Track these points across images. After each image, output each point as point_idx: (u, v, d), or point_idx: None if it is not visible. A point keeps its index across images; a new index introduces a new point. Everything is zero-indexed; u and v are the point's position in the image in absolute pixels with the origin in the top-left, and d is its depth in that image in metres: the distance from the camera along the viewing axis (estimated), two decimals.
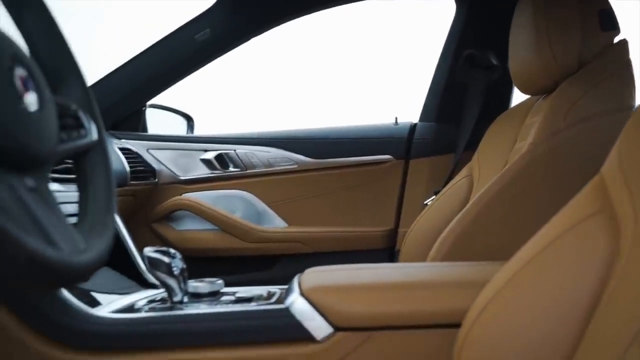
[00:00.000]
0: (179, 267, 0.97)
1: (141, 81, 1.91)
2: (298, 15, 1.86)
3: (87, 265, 0.61)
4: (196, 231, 1.94)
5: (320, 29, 2.12)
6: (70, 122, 0.72)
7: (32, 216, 0.56)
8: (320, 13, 1.91)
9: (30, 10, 0.70)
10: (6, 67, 0.57)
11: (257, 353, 0.86)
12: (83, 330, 0.87)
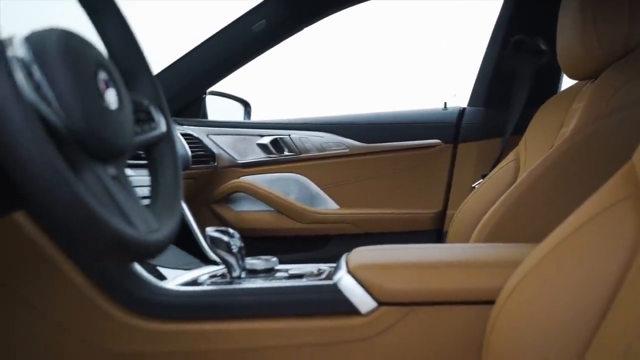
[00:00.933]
0: (237, 245, 1.06)
1: (202, 70, 1.98)
2: (350, 4, 1.90)
3: (160, 243, 0.70)
4: (253, 212, 2.01)
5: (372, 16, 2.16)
6: (143, 116, 0.81)
7: (115, 200, 0.65)
8: (371, 2, 1.94)
9: (109, 17, 0.78)
10: (92, 72, 0.66)
11: (307, 325, 0.93)
12: (153, 300, 0.97)
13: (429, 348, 0.91)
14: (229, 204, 2.04)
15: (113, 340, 0.95)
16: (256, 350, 0.93)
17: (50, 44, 0.62)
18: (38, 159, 0.52)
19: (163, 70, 1.98)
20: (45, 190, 0.53)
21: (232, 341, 0.93)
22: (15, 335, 0.96)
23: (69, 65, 0.62)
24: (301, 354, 0.92)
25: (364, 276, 0.94)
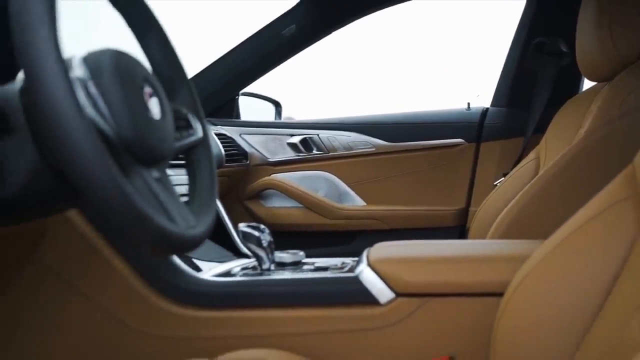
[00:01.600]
0: (267, 240, 1.13)
1: (235, 73, 2.06)
2: (376, 9, 1.96)
3: (197, 238, 0.78)
4: (283, 208, 2.09)
5: (399, 17, 2.21)
6: (182, 123, 0.89)
7: (158, 200, 0.73)
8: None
9: (153, 35, 0.86)
10: (139, 87, 0.74)
11: (330, 313, 1.01)
12: (190, 290, 1.05)
13: (442, 336, 0.97)
14: (261, 200, 2.12)
15: (153, 325, 1.04)
16: (282, 336, 1.00)
17: (104, 63, 0.70)
18: (95, 165, 0.61)
19: (198, 73, 2.05)
20: (100, 192, 0.62)
21: (261, 327, 1.01)
22: (69, 320, 1.05)
23: (120, 82, 0.70)
24: (324, 340, 1.00)
25: (383, 269, 1.00)
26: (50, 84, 0.59)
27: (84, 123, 0.60)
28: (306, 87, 2.93)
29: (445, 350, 0.96)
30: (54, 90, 0.59)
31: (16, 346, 1.06)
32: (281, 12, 1.95)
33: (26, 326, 1.06)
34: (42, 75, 0.59)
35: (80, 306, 1.04)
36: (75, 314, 1.05)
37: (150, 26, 0.86)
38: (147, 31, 0.85)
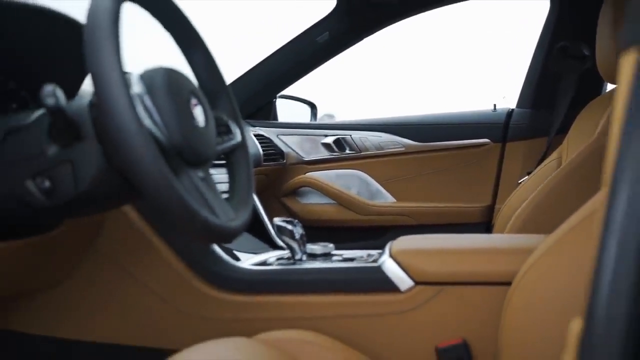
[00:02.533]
0: (299, 233, 1.23)
1: (272, 77, 2.15)
2: (405, 17, 2.03)
3: (236, 229, 0.89)
4: (317, 204, 2.17)
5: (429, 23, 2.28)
6: (223, 129, 1.00)
7: (203, 196, 0.84)
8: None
9: (197, 52, 0.97)
10: (186, 99, 0.85)
11: (355, 299, 1.10)
12: (229, 277, 1.16)
13: (456, 321, 1.06)
14: (296, 197, 2.21)
15: (197, 307, 1.15)
16: (311, 320, 1.10)
17: (157, 80, 0.81)
18: (151, 167, 0.72)
19: (239, 77, 2.15)
20: (155, 189, 0.73)
21: (292, 311, 1.11)
22: (123, 302, 1.18)
23: (171, 96, 0.81)
24: (349, 324, 1.09)
25: (404, 260, 1.09)
26: (115, 101, 0.70)
27: (142, 132, 0.71)
28: (345, 87, 3.02)
29: (459, 333, 1.05)
30: (118, 105, 0.70)
31: (77, 323, 1.19)
32: (315, 21, 2.04)
33: (86, 306, 1.19)
34: (109, 94, 0.70)
35: (133, 290, 1.17)
36: (129, 296, 1.17)
37: (196, 44, 0.97)
38: (193, 49, 0.96)
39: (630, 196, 0.37)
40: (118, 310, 1.17)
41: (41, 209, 0.84)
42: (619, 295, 0.37)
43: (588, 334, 0.38)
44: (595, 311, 0.38)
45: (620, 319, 0.37)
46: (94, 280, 1.17)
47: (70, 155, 0.81)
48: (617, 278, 0.37)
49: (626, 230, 0.37)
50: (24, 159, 0.82)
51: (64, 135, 0.80)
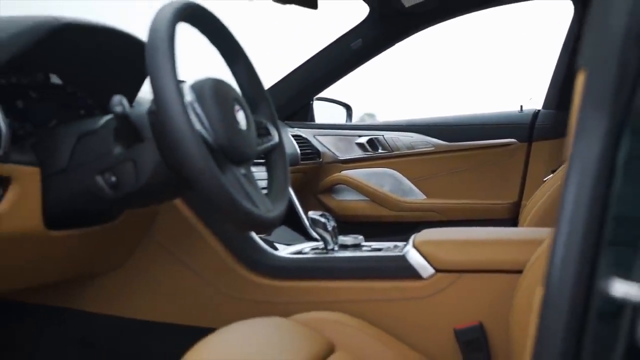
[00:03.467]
0: (332, 225, 1.34)
1: (309, 81, 2.26)
2: (433, 24, 2.12)
3: (274, 219, 1.00)
4: (351, 201, 2.26)
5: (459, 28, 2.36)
6: (263, 131, 1.11)
7: (245, 190, 0.95)
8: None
9: (240, 63, 1.09)
10: (230, 105, 0.97)
11: (380, 285, 1.20)
12: (268, 264, 1.27)
13: (472, 305, 1.15)
14: (332, 194, 2.30)
15: (239, 291, 1.27)
16: (342, 303, 1.20)
17: (206, 89, 0.93)
18: (201, 165, 0.83)
19: (277, 82, 2.26)
20: (204, 184, 0.85)
21: (324, 295, 1.22)
22: (173, 285, 1.30)
23: (217, 103, 0.93)
24: (375, 307, 1.19)
25: (425, 249, 1.19)
26: (171, 109, 0.82)
27: (193, 135, 0.83)
28: (385, 87, 3.10)
29: (475, 317, 1.14)
30: (173, 113, 0.82)
31: (132, 304, 1.32)
32: (349, 28, 2.13)
33: (140, 288, 1.32)
34: (166, 103, 0.82)
35: (181, 274, 1.29)
36: (178, 280, 1.30)
37: (239, 57, 1.08)
38: (237, 61, 1.08)
39: (577, 188, 0.46)
40: (167, 292, 1.30)
41: (107, 201, 0.97)
42: (568, 266, 0.46)
43: (546, 299, 0.48)
44: (550, 280, 0.47)
45: (568, 285, 0.46)
46: (147, 265, 1.30)
47: (132, 155, 0.93)
48: (567, 253, 0.47)
49: (574, 215, 0.46)
50: (94, 158, 0.94)
51: (127, 137, 0.93)
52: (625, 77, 0.44)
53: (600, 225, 0.45)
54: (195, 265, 1.28)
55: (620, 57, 0.44)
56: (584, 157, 0.46)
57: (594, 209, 0.46)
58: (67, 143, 0.97)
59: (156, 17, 0.88)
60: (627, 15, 0.44)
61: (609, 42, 0.45)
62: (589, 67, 0.47)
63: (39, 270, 1.12)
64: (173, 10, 0.90)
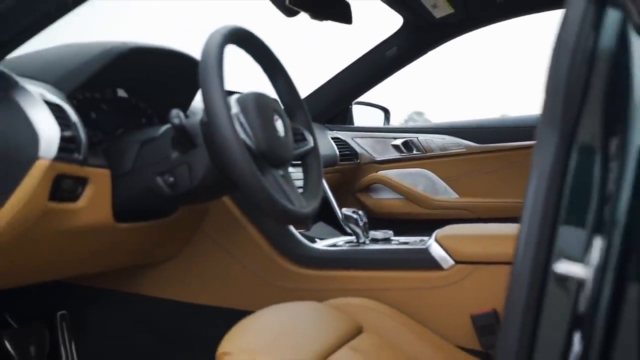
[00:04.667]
0: (363, 221, 1.46)
1: (347, 87, 2.36)
2: (465, 32, 2.20)
3: (307, 215, 1.13)
4: (387, 199, 2.35)
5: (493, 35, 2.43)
6: (299, 137, 1.24)
7: (282, 189, 1.09)
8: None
9: (280, 77, 1.22)
10: (270, 115, 1.10)
11: (405, 275, 1.31)
12: (305, 255, 1.41)
13: (488, 294, 1.25)
14: (369, 193, 2.40)
15: (278, 279, 1.40)
16: (370, 290, 1.32)
17: (249, 102, 1.07)
18: (244, 168, 0.97)
19: (318, 88, 2.37)
20: (247, 184, 0.98)
21: (354, 283, 1.34)
22: (221, 273, 1.45)
23: (259, 113, 1.06)
24: (400, 294, 1.31)
25: (446, 243, 1.30)
26: (220, 120, 0.96)
27: (238, 142, 0.97)
28: (435, 87, 3.15)
29: (490, 304, 1.24)
30: (221, 123, 0.96)
31: (186, 289, 1.48)
32: (384, 37, 2.24)
33: (193, 275, 1.47)
34: (215, 116, 0.96)
35: (228, 263, 1.44)
36: (225, 268, 1.44)
37: (278, 72, 1.21)
38: (276, 76, 1.21)
39: (535, 189, 0.57)
40: (216, 279, 1.45)
41: (166, 198, 1.12)
42: (528, 250, 0.57)
43: (512, 277, 0.59)
44: (516, 262, 0.59)
45: (528, 266, 0.57)
46: (199, 255, 1.45)
47: (187, 159, 1.08)
48: (527, 239, 0.58)
49: (533, 210, 0.57)
50: (154, 162, 1.09)
51: (183, 144, 1.07)
52: (571, 103, 0.55)
53: (553, 219, 0.56)
54: (240, 255, 1.42)
55: (567, 87, 0.55)
56: (540, 164, 0.57)
57: (548, 205, 0.57)
58: (132, 149, 1.13)
59: (208, 40, 1.03)
60: (572, 51, 0.55)
61: (560, 73, 0.56)
62: (546, 93, 0.58)
63: (109, 257, 1.28)
64: (223, 35, 1.04)
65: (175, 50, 1.22)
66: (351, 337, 1.15)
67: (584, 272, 0.52)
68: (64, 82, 1.06)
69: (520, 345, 0.55)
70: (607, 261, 0.50)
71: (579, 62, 0.54)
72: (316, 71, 2.53)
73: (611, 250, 0.50)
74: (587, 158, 0.55)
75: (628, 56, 0.52)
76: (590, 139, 0.55)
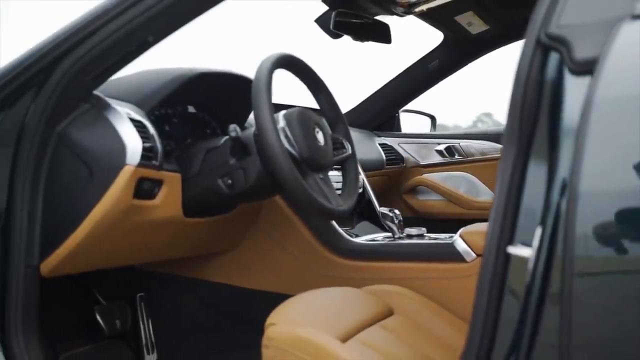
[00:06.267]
0: (398, 218, 1.62)
1: (393, 97, 2.50)
2: (501, 46, 2.30)
3: (343, 212, 1.29)
4: (431, 200, 2.47)
5: None
6: (338, 145, 1.41)
7: (321, 190, 1.26)
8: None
9: (322, 94, 1.39)
10: (312, 127, 1.27)
11: (433, 266, 1.44)
12: (346, 247, 1.56)
13: None
14: (414, 194, 2.53)
15: (322, 267, 1.58)
16: (402, 280, 1.47)
17: (294, 117, 1.25)
18: (289, 173, 1.15)
19: (366, 98, 2.53)
20: (291, 186, 1.16)
21: (387, 273, 1.49)
22: (272, 262, 1.64)
23: (302, 126, 1.24)
24: (427, 283, 1.44)
25: (469, 238, 1.43)
26: (268, 133, 1.15)
27: (283, 151, 1.15)
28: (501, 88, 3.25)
29: None
30: (269, 136, 1.14)
31: (243, 275, 1.67)
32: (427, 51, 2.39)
33: (249, 264, 1.66)
34: (264, 129, 1.15)
35: (279, 253, 1.62)
36: (276, 258, 1.63)
37: (321, 90, 1.39)
38: (319, 93, 1.39)
39: (499, 192, 0.72)
40: (268, 267, 1.64)
41: (225, 197, 1.31)
42: (493, 239, 0.72)
43: (483, 261, 0.74)
44: (485, 249, 0.74)
45: (493, 250, 0.72)
46: (254, 246, 1.64)
47: (242, 164, 1.27)
48: (493, 230, 0.73)
49: (497, 208, 0.72)
50: (216, 166, 1.30)
51: (239, 152, 1.27)
52: (526, 118, 0.70)
53: (512, 213, 0.71)
54: (290, 247, 1.61)
55: (521, 112, 0.70)
56: (503, 171, 0.72)
57: (508, 205, 0.71)
58: (198, 156, 1.33)
59: (260, 66, 1.22)
60: (524, 84, 0.70)
61: (516, 101, 0.71)
62: (508, 117, 0.73)
63: (179, 246, 1.49)
64: (272, 61, 1.23)
65: (235, 73, 1.42)
66: (382, 317, 1.30)
67: (528, 252, 0.67)
68: (144, 102, 1.28)
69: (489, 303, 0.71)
70: (542, 244, 0.65)
71: (530, 92, 0.69)
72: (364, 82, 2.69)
73: (544, 236, 0.65)
74: (537, 168, 0.70)
75: (563, 87, 0.66)
76: (539, 153, 0.70)
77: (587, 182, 0.59)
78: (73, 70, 1.11)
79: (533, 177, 0.70)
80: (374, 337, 1.18)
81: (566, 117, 0.66)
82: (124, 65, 1.16)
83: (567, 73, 0.66)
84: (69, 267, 1.26)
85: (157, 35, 1.13)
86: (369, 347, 1.13)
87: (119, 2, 1.09)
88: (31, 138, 1.15)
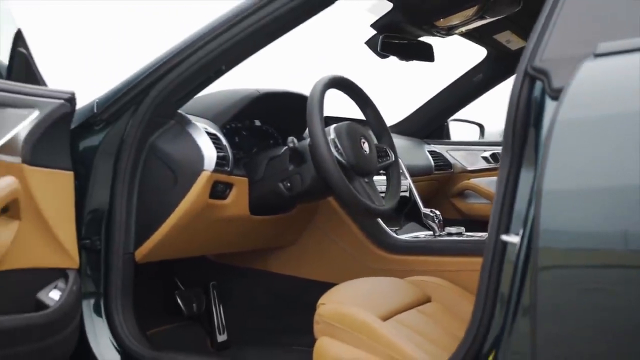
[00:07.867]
0: (438, 218, 1.78)
1: (442, 107, 2.63)
2: None
3: (385, 211, 1.47)
4: (477, 204, 2.59)
5: None
6: (383, 153, 1.59)
7: (366, 192, 1.44)
8: None
9: (368, 108, 1.58)
10: (359, 139, 1.46)
11: (467, 260, 1.58)
12: (391, 243, 1.73)
13: None
14: (462, 198, 2.66)
15: (369, 261, 1.75)
16: (439, 272, 1.61)
17: (343, 129, 1.44)
18: (337, 177, 1.34)
19: (417, 109, 2.66)
20: (339, 189, 1.35)
21: (426, 265, 1.65)
22: (327, 256, 1.82)
23: (349, 138, 1.43)
24: (462, 275, 1.58)
25: None
26: (320, 144, 1.34)
27: (332, 160, 1.34)
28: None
29: None
30: (321, 147, 1.34)
31: (302, 267, 1.87)
32: (472, 65, 2.52)
33: (307, 258, 1.86)
34: (317, 141, 1.34)
35: (332, 248, 1.81)
36: (330, 252, 1.82)
37: (368, 105, 1.58)
38: (366, 108, 1.57)
39: (497, 194, 0.89)
40: (322, 260, 1.83)
41: (285, 198, 1.52)
42: (493, 232, 0.89)
43: (487, 243, 0.91)
44: (488, 235, 0.90)
45: (492, 237, 0.89)
46: (311, 241, 1.84)
47: (299, 170, 1.47)
48: (493, 222, 0.89)
49: (495, 207, 0.89)
50: (277, 172, 1.50)
51: (296, 160, 1.47)
52: (517, 134, 0.86)
53: (508, 213, 0.88)
54: (341, 242, 1.80)
55: (514, 124, 0.86)
56: (501, 177, 0.89)
57: (504, 204, 0.88)
58: (262, 163, 1.54)
59: (314, 87, 1.41)
60: (516, 106, 0.86)
61: (510, 120, 0.87)
62: (504, 132, 0.89)
63: (246, 240, 1.71)
64: (324, 82, 1.42)
65: (293, 92, 1.63)
66: (420, 304, 1.46)
67: (516, 239, 0.84)
68: (218, 118, 1.51)
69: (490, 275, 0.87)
70: (524, 233, 0.81)
71: (520, 113, 0.86)
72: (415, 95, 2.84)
73: (526, 227, 0.81)
74: (525, 173, 0.86)
75: (544, 109, 0.83)
76: (528, 161, 0.86)
77: (549, 184, 0.75)
78: (163, 93, 1.35)
79: (523, 180, 0.86)
80: (411, 319, 1.34)
81: (544, 133, 0.82)
82: (203, 88, 1.39)
83: (548, 99, 0.82)
84: (157, 255, 1.49)
85: (229, 64, 1.35)
86: (405, 326, 1.30)
87: (199, 38, 1.32)
88: (129, 148, 1.39)
